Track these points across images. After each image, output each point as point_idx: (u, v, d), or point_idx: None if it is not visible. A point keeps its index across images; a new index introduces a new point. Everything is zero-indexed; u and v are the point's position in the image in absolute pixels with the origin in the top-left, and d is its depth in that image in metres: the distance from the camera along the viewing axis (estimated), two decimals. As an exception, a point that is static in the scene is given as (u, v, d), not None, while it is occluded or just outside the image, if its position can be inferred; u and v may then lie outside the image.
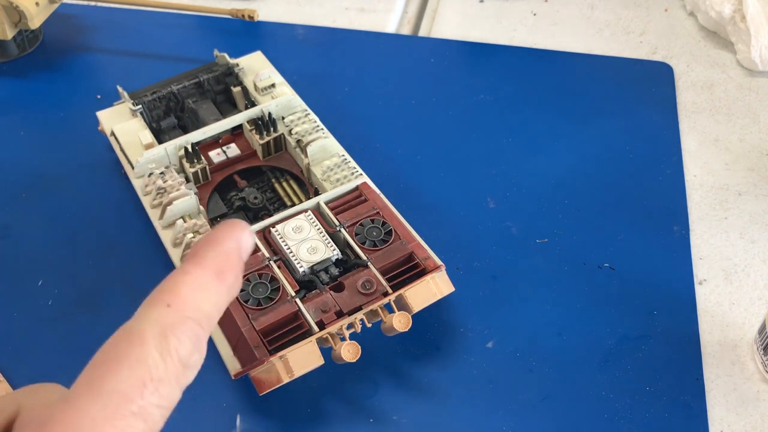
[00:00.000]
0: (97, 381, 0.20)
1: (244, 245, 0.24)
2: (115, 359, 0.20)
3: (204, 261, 0.23)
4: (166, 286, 0.22)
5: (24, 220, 0.49)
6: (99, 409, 0.19)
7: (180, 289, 0.22)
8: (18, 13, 0.56)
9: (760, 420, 0.40)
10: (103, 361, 0.20)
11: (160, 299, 0.22)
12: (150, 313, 0.21)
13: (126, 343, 0.21)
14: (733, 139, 0.55)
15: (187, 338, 0.21)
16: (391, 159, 0.53)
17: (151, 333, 0.21)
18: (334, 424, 0.39)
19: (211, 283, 0.23)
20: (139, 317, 0.22)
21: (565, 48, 0.63)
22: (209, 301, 0.22)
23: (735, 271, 0.47)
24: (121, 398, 0.20)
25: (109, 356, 0.20)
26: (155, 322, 0.21)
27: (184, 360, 0.21)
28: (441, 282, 0.41)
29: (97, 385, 0.20)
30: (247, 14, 0.60)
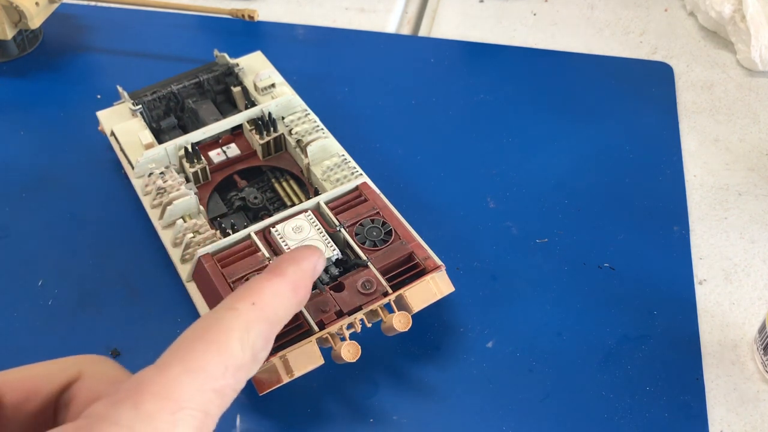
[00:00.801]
0: (188, 357, 0.23)
1: (318, 268, 0.28)
2: (205, 341, 0.23)
3: (285, 274, 0.27)
4: (254, 286, 0.26)
5: (24, 220, 0.49)
6: (189, 381, 0.22)
7: (264, 293, 0.25)
8: (18, 13, 0.56)
9: (760, 420, 0.40)
10: (194, 341, 0.23)
11: (247, 297, 0.25)
12: (238, 306, 0.25)
13: (215, 330, 0.24)
14: (733, 139, 0.55)
15: (262, 336, 0.25)
16: (391, 159, 0.53)
17: (237, 325, 0.24)
18: (334, 424, 0.39)
19: (288, 294, 0.26)
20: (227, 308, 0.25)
21: (565, 48, 0.63)
22: (284, 308, 0.26)
23: (735, 271, 0.47)
24: (207, 376, 0.22)
25: (199, 338, 0.23)
26: (241, 316, 0.24)
27: (256, 353, 0.24)
28: (441, 282, 0.41)
29: (189, 360, 0.22)
30: (247, 14, 0.60)
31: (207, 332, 0.24)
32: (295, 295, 0.27)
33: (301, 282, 0.27)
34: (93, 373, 0.25)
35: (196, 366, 0.22)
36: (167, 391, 0.22)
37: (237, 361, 0.23)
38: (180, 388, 0.22)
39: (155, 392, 0.22)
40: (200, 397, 0.22)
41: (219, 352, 0.23)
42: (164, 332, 0.43)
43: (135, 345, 0.42)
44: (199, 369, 0.22)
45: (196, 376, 0.22)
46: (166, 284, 0.45)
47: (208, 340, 0.23)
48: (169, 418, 0.21)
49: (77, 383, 0.25)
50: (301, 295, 0.27)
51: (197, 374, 0.22)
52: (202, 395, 0.22)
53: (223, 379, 0.23)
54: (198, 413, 0.22)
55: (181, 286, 0.43)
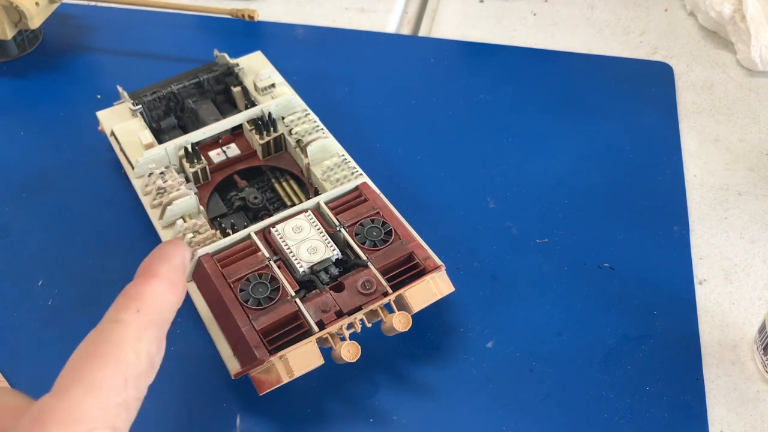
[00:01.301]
0: (87, 376, 0.22)
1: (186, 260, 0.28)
2: (100, 357, 0.23)
3: (159, 274, 0.26)
4: (133, 293, 0.25)
5: (24, 220, 0.49)
6: (92, 400, 0.22)
7: (145, 298, 0.25)
8: (18, 13, 0.56)
9: (760, 420, 0.40)
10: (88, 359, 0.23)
11: (130, 306, 0.25)
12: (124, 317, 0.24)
13: (107, 344, 0.23)
14: (733, 139, 0.55)
15: (155, 341, 0.25)
16: (391, 159, 0.53)
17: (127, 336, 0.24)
18: (334, 424, 0.39)
19: (168, 293, 0.26)
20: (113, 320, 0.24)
21: (565, 48, 0.63)
22: (167, 308, 0.26)
23: (735, 271, 0.47)
24: (110, 391, 0.22)
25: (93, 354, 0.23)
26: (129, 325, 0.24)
27: (152, 359, 0.24)
28: (441, 282, 0.41)
29: (87, 379, 0.22)
30: (247, 14, 0.60)
31: (99, 347, 0.23)
32: (175, 293, 0.26)
33: (177, 278, 0.27)
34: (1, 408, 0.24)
35: (96, 384, 0.22)
36: (72, 415, 0.21)
37: (135, 371, 0.23)
38: (85, 410, 0.21)
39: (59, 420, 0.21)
40: (106, 414, 0.22)
41: (116, 365, 0.23)
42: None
43: (135, 345, 0.42)
44: (99, 386, 0.22)
45: (99, 393, 0.22)
46: (166, 284, 0.45)
47: (103, 355, 0.23)
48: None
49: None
50: (180, 291, 0.27)
51: (99, 392, 0.22)
52: (107, 412, 0.22)
53: (125, 392, 0.23)
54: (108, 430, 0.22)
55: (181, 286, 0.43)
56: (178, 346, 0.42)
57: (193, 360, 0.41)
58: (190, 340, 0.42)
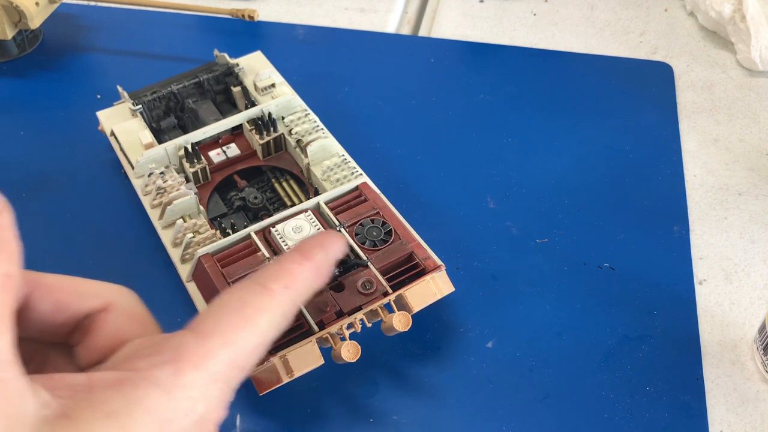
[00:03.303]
0: (228, 331, 0.24)
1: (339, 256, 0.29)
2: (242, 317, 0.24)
3: (314, 259, 0.27)
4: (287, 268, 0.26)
5: (24, 220, 0.49)
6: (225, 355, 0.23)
7: (295, 277, 0.26)
8: (18, 13, 0.56)
9: (760, 420, 0.40)
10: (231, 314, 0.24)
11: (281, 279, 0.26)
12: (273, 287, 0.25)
13: (251, 307, 0.25)
14: (733, 139, 0.55)
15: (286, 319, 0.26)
16: (391, 159, 0.53)
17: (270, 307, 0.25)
18: (334, 424, 0.39)
19: (313, 279, 0.27)
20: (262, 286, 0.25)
21: (565, 48, 0.63)
22: (308, 291, 0.27)
23: (735, 271, 0.47)
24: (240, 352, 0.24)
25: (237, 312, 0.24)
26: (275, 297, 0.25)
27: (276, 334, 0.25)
28: (441, 282, 0.41)
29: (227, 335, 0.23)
30: (247, 14, 0.60)
31: (244, 307, 0.24)
32: (318, 281, 0.27)
33: (326, 268, 0.28)
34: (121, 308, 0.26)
35: (233, 341, 0.23)
36: (205, 363, 0.23)
37: (263, 340, 0.24)
38: (217, 361, 0.23)
39: (195, 362, 0.23)
40: (230, 372, 0.23)
41: (253, 330, 0.24)
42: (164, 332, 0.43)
43: (135, 345, 0.42)
44: (235, 344, 0.23)
45: (232, 351, 0.23)
46: (165, 284, 0.45)
47: (246, 317, 0.24)
48: (203, 388, 0.22)
49: (104, 314, 0.26)
50: (322, 281, 0.28)
51: (233, 349, 0.23)
52: (231, 370, 0.23)
53: (249, 357, 0.24)
54: (225, 386, 0.23)
55: (181, 286, 0.43)
56: (178, 346, 0.42)
57: (193, 360, 0.41)
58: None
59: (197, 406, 0.23)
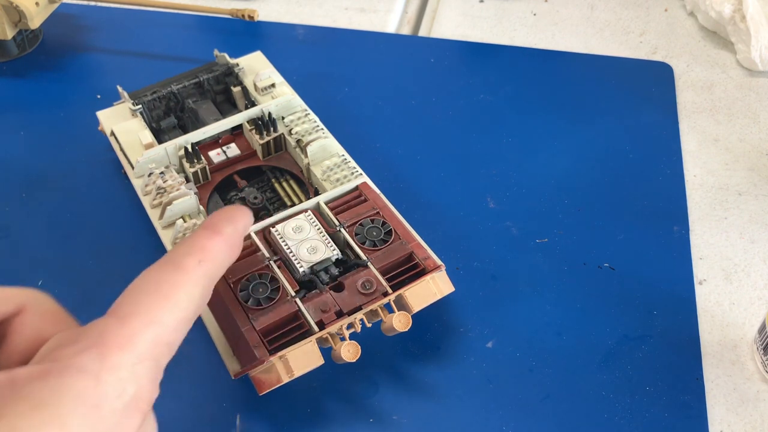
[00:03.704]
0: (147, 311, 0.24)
1: (248, 228, 0.30)
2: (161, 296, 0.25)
3: (224, 233, 0.28)
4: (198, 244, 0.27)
5: (24, 220, 0.49)
6: (149, 335, 0.24)
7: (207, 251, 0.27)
8: (18, 13, 0.56)
9: (760, 420, 0.40)
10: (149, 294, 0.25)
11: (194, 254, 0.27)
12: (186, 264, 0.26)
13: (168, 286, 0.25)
14: (733, 139, 0.55)
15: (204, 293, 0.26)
16: (391, 159, 0.53)
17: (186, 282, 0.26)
18: (334, 424, 0.39)
19: (225, 252, 0.28)
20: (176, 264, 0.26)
21: (565, 48, 0.63)
22: (223, 265, 0.28)
23: (735, 271, 0.47)
24: (164, 330, 0.24)
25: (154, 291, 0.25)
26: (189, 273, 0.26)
27: (197, 309, 0.26)
28: (441, 282, 0.41)
29: (148, 315, 0.24)
30: (247, 14, 0.60)
31: (161, 286, 0.25)
32: (231, 254, 0.28)
33: (237, 240, 0.28)
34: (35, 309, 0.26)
35: (154, 320, 0.24)
36: (130, 344, 0.23)
37: (184, 315, 0.25)
38: (141, 341, 0.23)
39: (119, 345, 0.23)
40: (156, 350, 0.24)
41: (173, 307, 0.25)
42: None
43: (135, 345, 0.42)
44: (157, 323, 0.24)
45: (155, 329, 0.24)
46: (166, 284, 0.45)
47: (164, 295, 0.25)
48: (131, 369, 0.23)
49: (19, 317, 0.25)
50: (235, 254, 0.29)
51: (155, 327, 0.24)
52: (157, 348, 0.24)
53: (173, 333, 0.25)
54: (153, 364, 0.24)
55: (181, 286, 0.43)
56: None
57: (193, 360, 0.41)
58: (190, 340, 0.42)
59: (128, 388, 0.23)
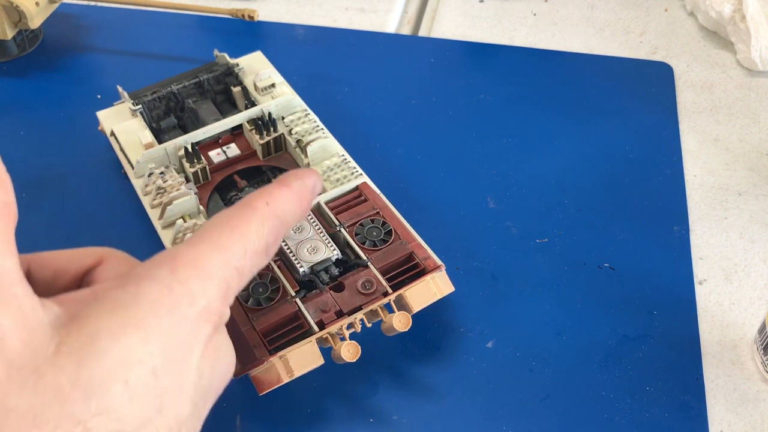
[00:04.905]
0: (215, 238, 0.26)
1: (317, 187, 0.32)
2: (229, 227, 0.27)
3: (292, 186, 0.30)
4: (267, 190, 0.29)
5: (24, 220, 0.49)
6: (217, 256, 0.26)
7: (275, 197, 0.29)
8: (18, 13, 0.56)
9: (760, 420, 0.40)
10: (219, 226, 0.27)
11: (262, 197, 0.29)
12: (255, 204, 0.28)
13: (236, 220, 0.27)
14: (733, 139, 0.55)
15: (274, 231, 0.28)
16: (391, 159, 0.53)
17: (254, 218, 0.28)
18: (334, 424, 0.39)
19: (294, 201, 0.30)
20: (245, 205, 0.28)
21: (565, 48, 0.63)
22: (291, 212, 0.30)
23: (735, 271, 0.47)
24: (231, 255, 0.26)
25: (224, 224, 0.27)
26: (257, 211, 0.28)
27: (268, 245, 0.28)
28: (441, 282, 0.41)
29: (216, 241, 0.26)
30: (247, 14, 0.60)
31: (230, 220, 0.27)
32: (300, 205, 0.30)
33: (305, 194, 0.30)
34: (114, 258, 0.29)
35: (222, 245, 0.26)
36: (198, 262, 0.25)
37: (254, 247, 0.27)
38: (209, 261, 0.25)
39: (188, 262, 0.25)
40: (225, 271, 0.26)
41: (240, 237, 0.27)
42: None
43: (135, 345, 0.42)
44: (224, 248, 0.26)
45: (223, 253, 0.26)
46: (166, 284, 0.45)
47: (232, 226, 0.27)
48: (200, 283, 0.25)
49: (100, 267, 0.29)
50: (305, 206, 0.31)
51: (223, 252, 0.26)
52: (226, 270, 0.26)
53: (243, 260, 0.26)
54: (223, 284, 0.26)
55: (181, 286, 0.43)
56: (178, 346, 0.42)
57: (193, 360, 0.41)
58: (190, 340, 0.42)
59: (198, 299, 0.25)
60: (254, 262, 0.27)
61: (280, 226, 0.29)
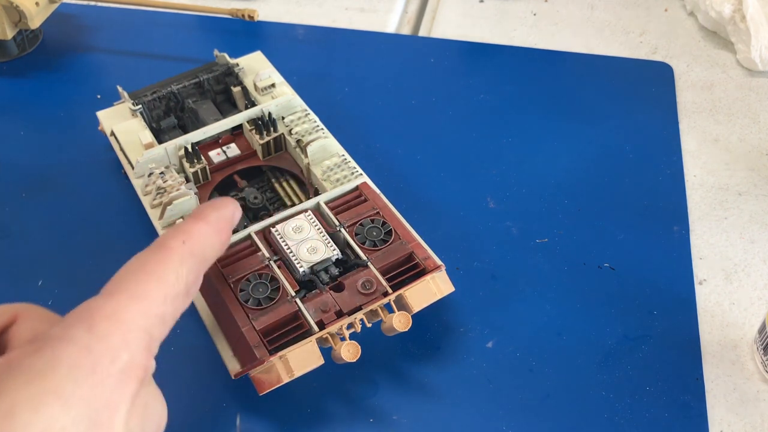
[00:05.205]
0: (133, 286, 0.25)
1: (236, 216, 0.31)
2: (145, 273, 0.26)
3: (209, 219, 0.29)
4: (183, 228, 0.28)
5: (24, 220, 0.49)
6: (136, 306, 0.24)
7: (193, 234, 0.28)
8: (18, 12, 0.56)
9: (760, 420, 0.40)
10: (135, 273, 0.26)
11: (178, 236, 0.27)
12: (171, 244, 0.27)
13: (153, 263, 0.26)
14: (733, 139, 0.55)
15: (193, 271, 0.27)
16: (391, 159, 0.53)
17: (171, 260, 0.27)
18: (334, 424, 0.39)
19: (213, 236, 0.29)
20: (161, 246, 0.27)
21: (565, 48, 0.63)
22: (210, 248, 0.29)
23: (735, 271, 0.47)
24: (151, 302, 0.25)
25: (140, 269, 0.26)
26: (174, 252, 0.27)
27: (188, 286, 0.27)
28: (441, 282, 0.41)
29: (132, 290, 0.25)
30: (247, 14, 0.60)
31: (146, 265, 0.26)
32: (219, 238, 0.29)
33: (223, 227, 0.30)
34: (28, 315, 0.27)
35: (140, 294, 0.25)
36: (117, 315, 0.24)
37: (174, 291, 0.26)
38: (128, 313, 0.24)
39: (106, 316, 0.24)
40: (146, 321, 0.25)
41: (158, 282, 0.26)
42: (164, 332, 0.43)
43: (135, 345, 0.42)
44: (143, 296, 0.25)
45: (142, 302, 0.25)
46: (166, 284, 0.45)
47: (148, 272, 0.26)
48: (120, 337, 0.24)
49: (14, 326, 0.26)
50: (224, 238, 0.30)
51: (142, 301, 0.25)
52: (147, 319, 0.25)
53: (164, 306, 0.25)
54: (145, 335, 0.24)
55: (181, 286, 0.43)
56: (178, 346, 0.42)
57: (193, 360, 0.41)
58: (190, 340, 0.42)
59: (120, 355, 0.23)
60: (176, 306, 0.26)
61: (200, 264, 0.28)
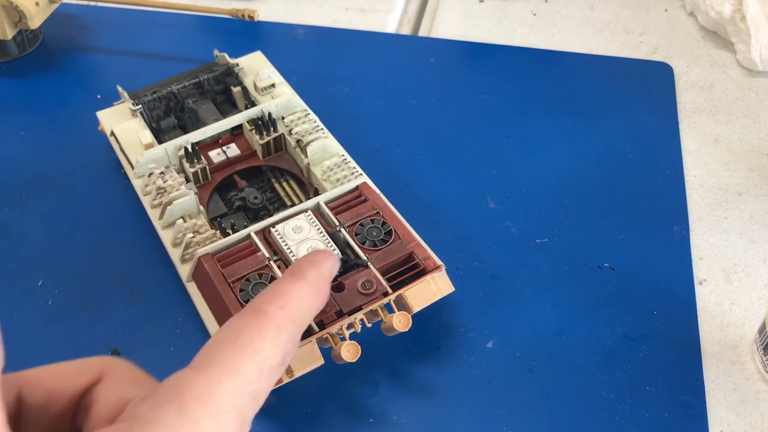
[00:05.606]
0: (226, 360, 0.23)
1: (333, 270, 0.28)
2: (240, 345, 0.23)
3: (308, 278, 0.27)
4: (280, 289, 0.26)
5: (24, 220, 0.49)
6: (228, 384, 0.22)
7: (291, 296, 0.25)
8: (18, 13, 0.56)
9: (760, 420, 0.40)
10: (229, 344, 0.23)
11: (276, 300, 0.25)
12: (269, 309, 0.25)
13: (248, 333, 0.24)
14: (733, 139, 0.55)
15: (291, 340, 0.25)
16: (391, 159, 0.53)
17: (269, 329, 0.24)
18: (334, 424, 0.39)
19: (312, 297, 0.26)
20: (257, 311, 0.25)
21: (565, 48, 0.63)
22: (309, 310, 0.26)
23: (735, 271, 0.47)
24: (245, 379, 0.23)
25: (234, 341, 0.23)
26: (272, 319, 0.24)
27: (285, 356, 0.24)
28: (441, 282, 0.41)
29: (226, 364, 0.23)
30: (247, 14, 0.60)
31: (240, 335, 0.24)
32: (318, 298, 0.27)
33: (323, 285, 0.27)
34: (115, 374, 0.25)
35: (234, 369, 0.23)
36: (209, 394, 0.22)
37: (270, 364, 0.24)
38: (221, 392, 0.22)
39: (197, 396, 0.22)
40: (239, 401, 0.22)
41: (254, 355, 0.23)
42: (164, 332, 0.43)
43: (135, 345, 0.42)
44: (237, 372, 0.22)
45: (235, 379, 0.22)
46: (165, 284, 0.45)
47: (243, 344, 0.23)
48: (212, 421, 0.21)
49: (99, 385, 0.24)
50: (323, 297, 0.27)
51: (236, 377, 0.22)
52: (240, 399, 0.22)
53: (258, 383, 0.23)
54: (238, 416, 0.22)
55: (181, 286, 0.43)
56: (178, 346, 0.42)
57: (193, 360, 0.41)
58: (190, 340, 0.42)
59: None
60: (271, 381, 0.24)
61: (298, 330, 0.25)
